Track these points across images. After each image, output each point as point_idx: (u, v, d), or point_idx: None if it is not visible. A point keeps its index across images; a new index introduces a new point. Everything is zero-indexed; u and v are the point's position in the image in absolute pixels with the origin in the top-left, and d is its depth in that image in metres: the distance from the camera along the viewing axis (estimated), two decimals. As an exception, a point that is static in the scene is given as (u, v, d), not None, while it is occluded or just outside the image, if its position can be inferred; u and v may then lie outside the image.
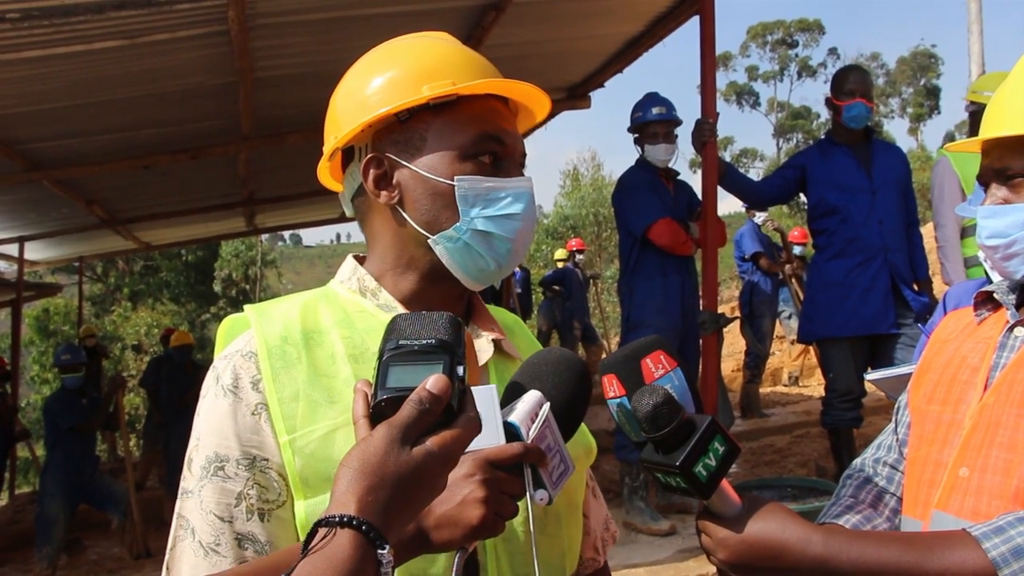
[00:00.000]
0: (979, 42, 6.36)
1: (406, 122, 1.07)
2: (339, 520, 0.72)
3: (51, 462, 6.26)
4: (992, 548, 1.02)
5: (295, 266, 61.40)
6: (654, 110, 4.80)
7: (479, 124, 1.06)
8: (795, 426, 7.43)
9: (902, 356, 4.08)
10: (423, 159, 1.06)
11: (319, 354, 1.03)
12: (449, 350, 0.81)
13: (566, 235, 19.98)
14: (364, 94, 1.08)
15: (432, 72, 1.06)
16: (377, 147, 1.08)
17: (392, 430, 0.77)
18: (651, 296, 4.68)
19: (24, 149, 5.48)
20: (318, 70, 4.57)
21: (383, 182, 1.08)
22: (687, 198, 4.93)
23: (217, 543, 0.94)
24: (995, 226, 1.26)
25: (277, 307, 1.09)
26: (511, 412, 0.92)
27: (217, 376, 1.02)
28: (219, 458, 0.97)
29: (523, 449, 0.89)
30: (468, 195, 1.05)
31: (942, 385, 1.33)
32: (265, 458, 0.97)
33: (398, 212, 1.08)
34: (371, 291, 1.10)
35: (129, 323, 19.54)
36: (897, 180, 4.37)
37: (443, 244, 1.06)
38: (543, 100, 1.13)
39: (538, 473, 0.92)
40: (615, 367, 1.07)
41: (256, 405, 0.98)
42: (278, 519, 0.96)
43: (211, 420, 0.99)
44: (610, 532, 1.33)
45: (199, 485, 0.97)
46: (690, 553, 4.12)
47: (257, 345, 1.02)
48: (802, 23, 57.64)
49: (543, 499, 0.92)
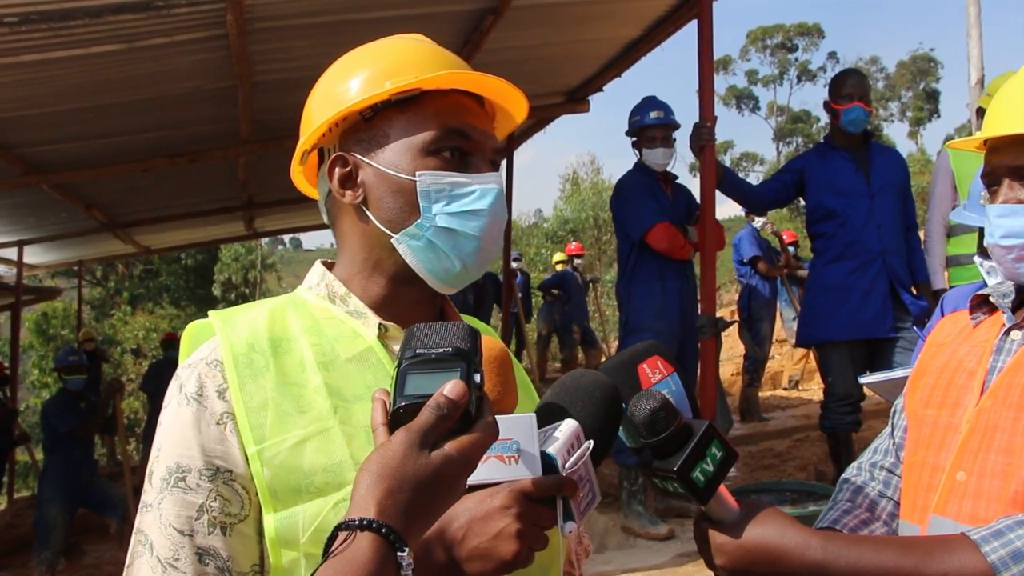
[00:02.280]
0: (978, 46, 6.35)
1: (370, 120, 1.05)
2: (359, 523, 0.72)
3: (50, 466, 6.25)
4: (991, 552, 1.01)
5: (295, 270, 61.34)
6: (652, 114, 4.80)
7: (443, 118, 1.03)
8: (794, 430, 7.42)
9: (900, 360, 4.07)
10: (386, 156, 1.03)
11: (287, 362, 1.00)
12: (466, 358, 0.81)
13: (566, 239, 19.99)
14: (332, 95, 1.07)
15: (396, 69, 1.04)
16: (343, 146, 1.07)
17: (411, 435, 0.76)
18: (650, 300, 4.68)
19: (23, 153, 5.48)
20: (316, 74, 4.52)
21: (348, 181, 1.06)
22: (685, 202, 4.93)
23: (176, 558, 0.90)
24: (1011, 225, 1.24)
25: (243, 314, 1.05)
26: (549, 442, 0.91)
27: (180, 384, 0.98)
28: (180, 469, 0.93)
29: (561, 483, 0.88)
30: (430, 191, 1.02)
31: (939, 389, 1.33)
32: (229, 469, 0.93)
33: (363, 212, 1.06)
34: (340, 297, 1.07)
35: (127, 327, 19.51)
36: (896, 184, 4.37)
37: (406, 243, 1.03)
38: (516, 96, 1.09)
39: (568, 504, 0.90)
40: (612, 372, 1.06)
41: (222, 414, 0.95)
42: (240, 534, 0.93)
43: (173, 430, 0.95)
44: (583, 546, 1.30)
45: (159, 498, 0.93)
46: (688, 557, 4.12)
47: (223, 353, 0.99)
48: (801, 27, 57.70)
49: (572, 531, 0.90)
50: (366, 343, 1.04)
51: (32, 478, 10.10)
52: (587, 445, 0.93)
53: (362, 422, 0.97)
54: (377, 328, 1.05)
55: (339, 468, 0.94)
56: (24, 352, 14.97)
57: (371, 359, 1.03)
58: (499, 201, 1.05)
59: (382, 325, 1.05)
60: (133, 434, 13.61)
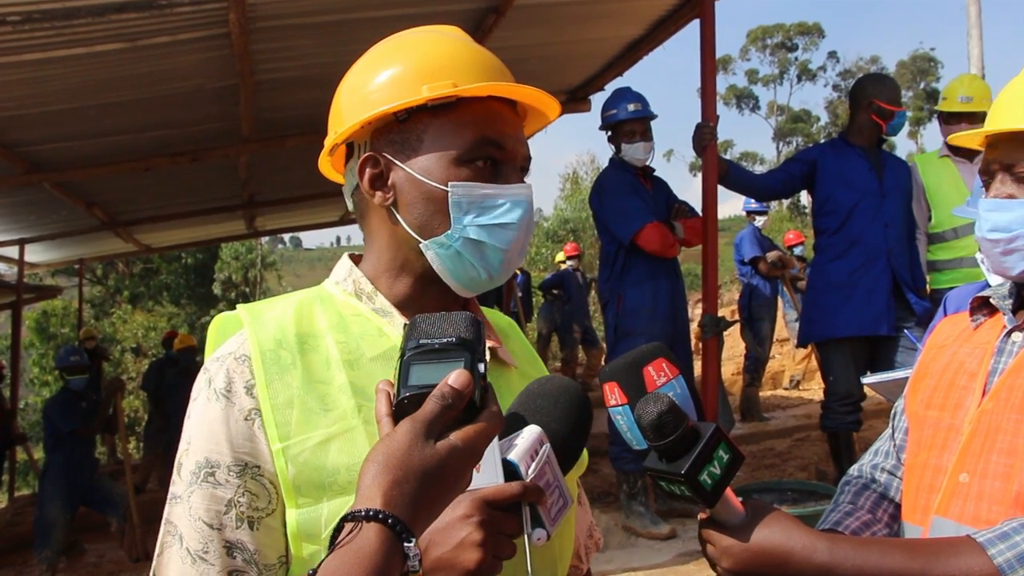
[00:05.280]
0: (979, 46, 6.36)
1: (404, 122, 1.03)
2: (365, 514, 0.72)
3: (51, 465, 6.24)
4: (998, 554, 1.01)
5: (295, 269, 61.33)
6: (629, 107, 4.62)
7: (478, 128, 1.02)
8: (795, 430, 7.43)
9: (903, 360, 4.07)
10: (419, 161, 1.02)
11: (314, 359, 1.00)
12: (470, 347, 0.81)
13: (566, 238, 19.99)
14: (366, 90, 1.05)
15: (434, 71, 1.02)
16: (375, 146, 1.06)
17: (415, 425, 0.76)
18: (642, 302, 4.57)
19: (25, 151, 5.48)
20: (318, 73, 4.57)
21: (379, 182, 1.05)
22: (665, 196, 4.81)
23: (205, 551, 0.92)
24: (999, 220, 1.26)
25: (271, 308, 1.05)
26: (510, 449, 0.90)
27: (210, 379, 0.99)
28: (210, 464, 0.94)
29: (522, 489, 0.87)
30: (462, 202, 1.01)
31: (940, 390, 1.33)
32: (257, 465, 0.94)
33: (392, 213, 1.05)
34: (367, 294, 1.08)
35: (127, 326, 19.50)
36: (905, 188, 4.34)
37: (434, 250, 1.03)
38: (551, 103, 1.09)
39: (537, 511, 0.89)
40: (616, 375, 1.06)
41: (249, 411, 0.96)
42: (267, 527, 0.94)
43: (202, 424, 0.96)
44: (593, 540, 1.30)
45: (188, 491, 0.94)
46: (690, 557, 4.12)
47: (251, 348, 0.99)
48: (801, 27, 57.68)
49: (540, 538, 0.89)
50: (391, 342, 1.04)
51: (32, 477, 10.10)
52: (545, 448, 0.91)
53: None
54: (402, 327, 1.05)
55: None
56: (24, 350, 14.95)
57: (395, 358, 1.03)
58: (528, 213, 1.05)
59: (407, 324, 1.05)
60: (133, 433, 13.61)
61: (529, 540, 0.89)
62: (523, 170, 1.08)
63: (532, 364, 1.23)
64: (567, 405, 0.97)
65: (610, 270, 4.73)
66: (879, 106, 4.30)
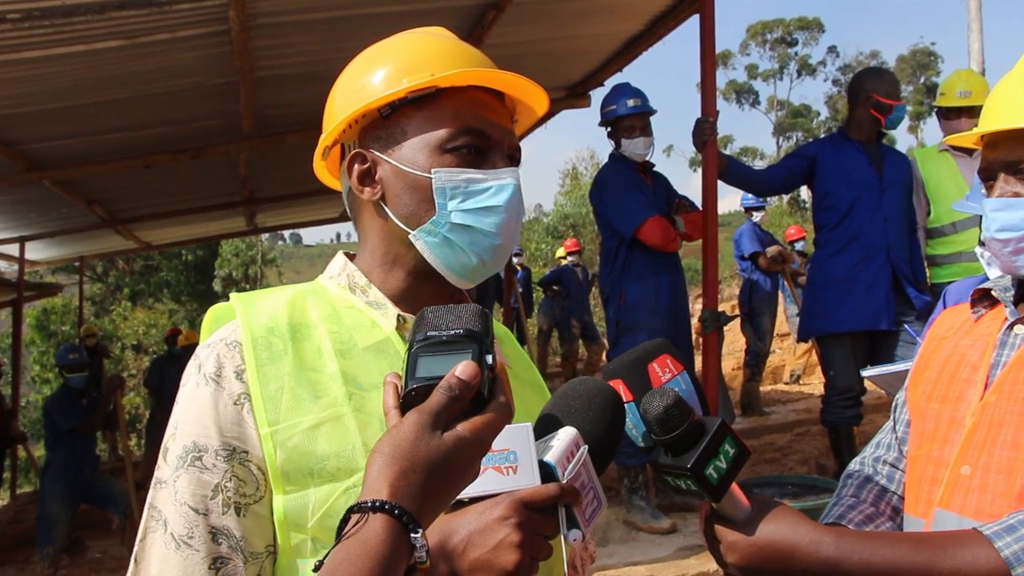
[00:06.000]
0: (979, 40, 6.35)
1: (388, 117, 1.05)
2: (371, 505, 0.72)
3: (52, 462, 6.25)
4: (1005, 547, 1.02)
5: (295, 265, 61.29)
6: (629, 103, 4.61)
7: (460, 116, 1.03)
8: (795, 424, 7.43)
9: (903, 354, 4.07)
10: (403, 153, 1.04)
11: (305, 348, 1.00)
12: (477, 339, 0.81)
13: (566, 233, 20.03)
14: (353, 91, 1.07)
15: (415, 66, 1.04)
16: (362, 143, 1.07)
17: (422, 416, 0.76)
18: (643, 297, 4.56)
19: (25, 149, 5.48)
20: (318, 69, 4.57)
21: (367, 178, 1.07)
22: (665, 191, 4.81)
23: (190, 536, 0.90)
24: (1007, 219, 1.25)
25: (264, 298, 1.06)
26: (546, 450, 0.90)
27: (199, 364, 0.99)
28: (197, 448, 0.93)
29: (559, 491, 0.87)
30: (445, 187, 1.02)
31: (941, 383, 1.33)
32: (245, 450, 0.93)
33: (381, 208, 1.07)
34: (360, 287, 1.09)
35: (128, 323, 19.52)
36: (904, 182, 4.34)
37: (423, 239, 1.04)
38: (536, 92, 1.09)
39: (572, 512, 0.89)
40: (621, 372, 1.06)
41: (239, 395, 0.95)
42: (254, 515, 0.93)
43: (191, 409, 0.96)
44: (588, 552, 1.31)
45: (174, 475, 0.93)
46: (691, 551, 4.12)
47: (242, 335, 0.99)
48: (801, 21, 57.56)
49: (576, 539, 0.89)
50: (384, 333, 1.05)
51: (33, 474, 10.11)
52: (582, 450, 0.92)
53: (376, 410, 0.97)
54: (396, 319, 1.06)
55: (351, 455, 0.94)
56: (25, 348, 14.97)
57: (388, 349, 1.04)
58: (516, 197, 1.05)
59: (400, 316, 1.06)
60: (134, 430, 13.64)
61: (565, 541, 0.89)
62: (511, 159, 1.08)
63: (527, 369, 1.23)
64: (601, 406, 0.97)
65: (611, 265, 4.73)
66: (877, 100, 4.30)
